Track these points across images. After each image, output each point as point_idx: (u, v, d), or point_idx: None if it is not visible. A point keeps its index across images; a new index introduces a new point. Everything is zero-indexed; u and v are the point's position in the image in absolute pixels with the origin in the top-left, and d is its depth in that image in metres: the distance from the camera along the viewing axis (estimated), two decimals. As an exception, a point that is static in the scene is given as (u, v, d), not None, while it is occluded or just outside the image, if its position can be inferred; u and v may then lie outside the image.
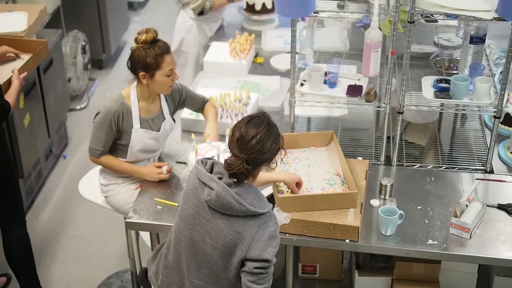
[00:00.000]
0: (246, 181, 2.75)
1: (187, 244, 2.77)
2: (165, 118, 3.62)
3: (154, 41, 3.37)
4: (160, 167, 3.57)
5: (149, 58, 3.35)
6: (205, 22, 5.10)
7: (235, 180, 2.71)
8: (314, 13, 3.35)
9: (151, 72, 3.38)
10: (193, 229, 2.74)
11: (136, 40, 3.38)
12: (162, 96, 3.59)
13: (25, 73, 4.21)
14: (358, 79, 3.62)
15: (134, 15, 7.83)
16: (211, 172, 2.74)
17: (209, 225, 2.70)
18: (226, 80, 4.44)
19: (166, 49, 3.39)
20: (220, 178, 2.70)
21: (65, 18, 6.31)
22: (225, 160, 2.71)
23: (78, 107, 6.14)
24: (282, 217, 3.10)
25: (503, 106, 3.46)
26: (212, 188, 2.65)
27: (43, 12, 5.04)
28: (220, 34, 5.10)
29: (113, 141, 3.54)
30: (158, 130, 3.59)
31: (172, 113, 3.68)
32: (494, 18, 3.20)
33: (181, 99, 3.69)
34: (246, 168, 2.67)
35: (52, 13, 5.99)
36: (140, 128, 3.52)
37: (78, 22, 6.38)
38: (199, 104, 3.79)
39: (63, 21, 6.26)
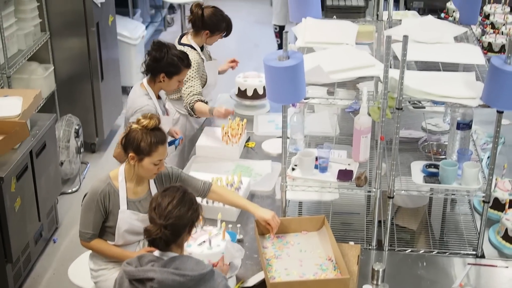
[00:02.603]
0: (174, 253, 2.82)
1: None
2: None
3: (154, 129, 3.44)
4: (151, 251, 3.56)
5: (143, 143, 3.41)
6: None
7: (161, 251, 2.81)
8: (305, 99, 3.42)
9: (140, 156, 3.44)
10: None
11: (138, 121, 3.46)
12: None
13: None
14: (349, 164, 3.66)
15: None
16: (141, 266, 2.78)
17: None
18: (218, 164, 4.48)
19: (162, 140, 3.46)
20: (152, 265, 2.74)
21: (59, 102, 6.42)
22: (144, 228, 2.83)
23: (69, 191, 6.14)
24: (234, 250, 3.22)
25: (492, 191, 3.50)
26: (151, 279, 2.68)
27: (38, 96, 5.11)
28: (213, 119, 5.17)
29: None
30: (146, 212, 3.60)
31: None
32: (479, 105, 3.27)
33: (171, 181, 3.72)
34: (165, 234, 2.77)
35: (47, 98, 6.09)
36: (127, 209, 3.54)
37: (72, 106, 6.47)
38: (197, 189, 3.74)
39: (58, 106, 6.36)
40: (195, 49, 4.94)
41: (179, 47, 4.79)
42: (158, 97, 4.38)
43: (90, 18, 6.30)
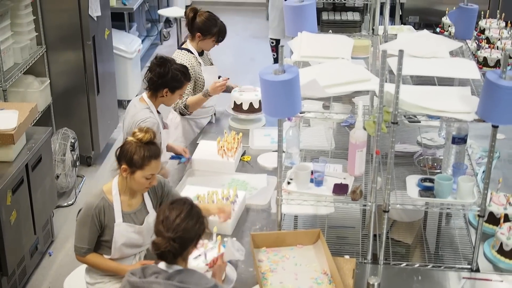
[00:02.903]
0: (180, 266, 2.82)
1: None
2: (148, 212, 3.64)
3: (149, 143, 3.45)
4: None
5: (136, 156, 3.42)
6: (192, 119, 5.19)
7: (168, 264, 2.82)
8: (300, 113, 3.44)
9: (132, 169, 3.46)
10: None
11: (133, 134, 3.47)
12: None
13: None
14: (344, 178, 3.67)
15: (124, 113, 7.91)
16: (144, 277, 2.78)
17: None
18: (214, 178, 4.49)
19: (155, 154, 3.47)
20: (156, 277, 2.74)
21: (55, 115, 6.42)
22: (152, 241, 2.84)
23: (65, 204, 6.13)
24: (234, 249, 3.24)
25: (487, 205, 3.51)
26: None
27: (34, 110, 5.11)
28: (208, 132, 5.18)
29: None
30: (141, 224, 3.60)
31: (156, 207, 3.71)
32: (474, 119, 3.29)
33: (163, 193, 3.73)
34: (174, 247, 2.78)
35: (43, 111, 6.09)
36: (123, 222, 3.54)
37: (68, 119, 6.48)
38: None
39: (53, 119, 6.36)
40: (192, 52, 5.08)
41: (178, 52, 5.00)
42: (158, 112, 4.40)
43: (86, 31, 6.32)
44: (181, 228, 2.84)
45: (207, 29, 5.07)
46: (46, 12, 6.20)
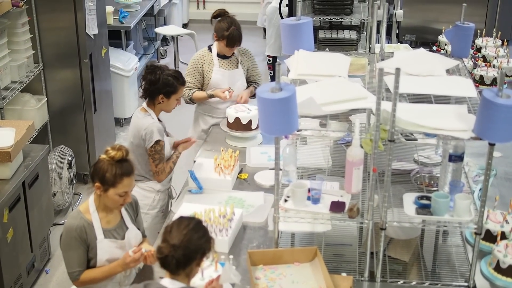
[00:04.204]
0: (183, 283, 2.87)
1: None
2: (128, 227, 3.64)
3: (121, 160, 3.46)
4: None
5: (108, 174, 3.44)
6: (206, 114, 5.54)
7: (171, 278, 2.87)
8: (297, 131, 3.44)
9: (105, 187, 3.47)
10: None
11: (106, 152, 3.49)
12: None
13: None
14: (341, 196, 3.67)
15: (121, 131, 7.95)
16: None
17: None
18: (211, 195, 4.48)
19: (128, 171, 3.48)
20: None
21: (52, 133, 6.42)
22: (158, 246, 2.92)
23: (62, 222, 6.11)
24: (232, 273, 3.25)
25: (483, 222, 3.51)
26: None
27: (31, 128, 5.12)
28: (205, 150, 5.18)
29: None
30: (123, 239, 3.61)
31: (135, 223, 3.73)
32: (471, 137, 3.29)
33: (137, 208, 3.78)
34: (177, 253, 2.84)
35: (39, 129, 6.09)
36: (105, 238, 3.54)
37: (65, 137, 6.48)
38: (142, 231, 3.85)
39: (50, 137, 6.36)
40: (211, 50, 5.44)
41: (204, 49, 5.42)
42: (159, 120, 4.50)
43: (83, 49, 6.34)
44: (187, 237, 2.91)
45: (218, 31, 5.31)
46: (43, 30, 6.23)
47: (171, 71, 4.47)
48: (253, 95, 5.52)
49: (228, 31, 5.26)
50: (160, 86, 4.40)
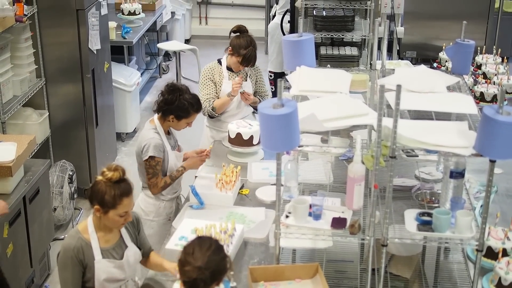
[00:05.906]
0: None
1: None
2: (127, 246, 3.63)
3: (119, 181, 3.44)
4: None
5: (108, 196, 3.41)
6: (214, 128, 5.64)
7: None
8: (299, 147, 3.44)
9: (105, 209, 3.44)
10: None
11: (102, 173, 3.45)
12: None
13: None
14: (343, 212, 3.67)
15: (122, 145, 7.96)
16: None
17: None
18: (212, 211, 4.48)
19: (127, 191, 3.45)
20: None
21: (53, 148, 6.42)
22: (183, 270, 2.95)
23: (62, 237, 6.11)
24: None
25: (485, 239, 3.50)
26: None
27: (32, 142, 5.13)
28: (206, 165, 5.17)
29: None
30: (121, 258, 3.59)
31: (135, 241, 3.71)
32: (472, 154, 3.29)
33: (139, 225, 3.77)
34: (205, 275, 2.90)
35: (41, 143, 6.10)
36: (103, 258, 3.52)
37: (66, 152, 6.49)
38: (146, 247, 3.85)
39: (52, 151, 6.36)
40: (220, 63, 5.57)
41: (214, 63, 5.47)
42: (168, 133, 4.57)
43: (86, 64, 6.36)
44: (211, 259, 2.96)
45: (235, 47, 5.40)
46: (46, 45, 6.25)
47: (189, 96, 4.52)
48: (254, 108, 5.54)
49: (246, 50, 5.37)
50: (173, 108, 4.48)
